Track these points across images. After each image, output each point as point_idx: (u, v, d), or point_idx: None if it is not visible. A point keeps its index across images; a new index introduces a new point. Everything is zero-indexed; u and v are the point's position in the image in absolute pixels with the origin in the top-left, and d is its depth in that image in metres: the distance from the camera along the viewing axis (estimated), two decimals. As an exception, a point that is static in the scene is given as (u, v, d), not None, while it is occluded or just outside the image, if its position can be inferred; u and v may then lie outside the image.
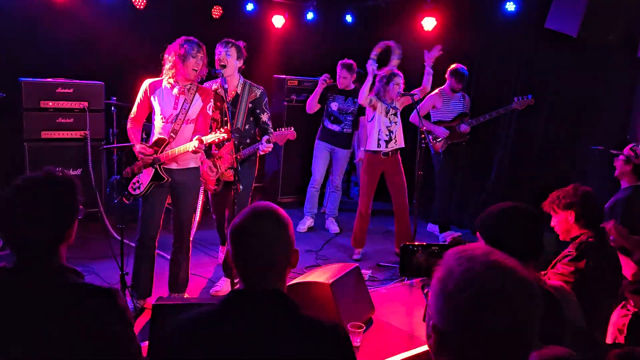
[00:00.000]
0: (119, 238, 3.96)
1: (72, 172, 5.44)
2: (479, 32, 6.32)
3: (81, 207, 1.78)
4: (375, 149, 5.08)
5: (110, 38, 6.16)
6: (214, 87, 4.16)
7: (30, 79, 5.32)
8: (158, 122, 3.75)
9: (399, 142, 5.13)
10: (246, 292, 1.54)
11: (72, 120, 5.45)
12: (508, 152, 6.11)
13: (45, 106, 5.33)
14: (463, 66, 5.72)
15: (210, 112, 3.85)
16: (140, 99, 3.77)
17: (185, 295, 4.10)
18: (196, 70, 3.67)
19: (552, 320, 1.80)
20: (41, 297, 1.58)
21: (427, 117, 5.88)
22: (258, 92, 4.26)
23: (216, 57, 4.08)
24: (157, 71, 3.81)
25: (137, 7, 6.11)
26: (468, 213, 6.44)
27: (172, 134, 3.70)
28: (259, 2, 7.11)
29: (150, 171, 3.73)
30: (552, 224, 3.04)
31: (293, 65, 6.35)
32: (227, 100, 3.81)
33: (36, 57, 5.76)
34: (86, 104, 5.48)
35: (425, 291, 1.33)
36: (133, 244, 4.37)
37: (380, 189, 5.38)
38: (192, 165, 3.87)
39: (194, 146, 3.54)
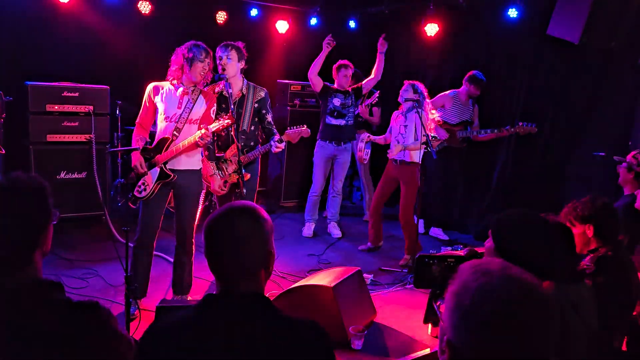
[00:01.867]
0: (124, 241, 3.98)
1: (77, 176, 5.49)
2: (481, 39, 6.35)
3: (55, 210, 1.67)
4: (389, 156, 5.27)
5: (116, 43, 6.23)
6: (217, 89, 4.20)
7: (37, 83, 5.36)
8: (161, 123, 3.79)
9: (406, 155, 5.17)
10: (221, 295, 1.51)
11: (77, 123, 5.49)
12: (511, 158, 6.12)
13: (51, 109, 5.38)
14: (480, 72, 5.80)
15: (213, 116, 3.88)
16: (145, 102, 3.83)
17: (189, 298, 4.13)
18: (202, 75, 3.73)
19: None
20: (19, 319, 1.47)
21: None
22: (263, 93, 4.34)
23: (217, 62, 4.11)
24: (162, 76, 3.85)
25: (143, 12, 6.17)
26: (471, 218, 6.46)
27: (175, 132, 3.74)
28: (263, 7, 7.16)
29: (156, 171, 3.78)
30: None
31: (296, 70, 6.39)
32: (233, 102, 3.85)
33: (42, 61, 5.82)
34: (91, 107, 5.51)
35: (438, 304, 1.30)
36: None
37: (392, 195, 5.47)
38: (195, 167, 3.90)
39: (199, 135, 3.60)
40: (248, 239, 1.49)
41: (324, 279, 3.71)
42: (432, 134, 5.16)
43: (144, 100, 3.83)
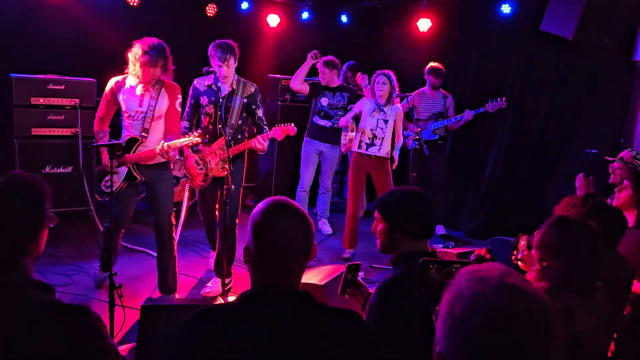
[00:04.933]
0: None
1: (62, 170, 5.38)
2: (475, 34, 6.30)
3: (52, 214, 1.65)
4: (356, 150, 5.08)
5: (104, 35, 6.09)
6: (207, 83, 4.12)
7: (21, 75, 5.25)
8: (125, 121, 3.81)
9: (383, 150, 5.04)
10: (268, 291, 1.49)
11: (63, 117, 5.38)
12: (502, 155, 6.09)
13: (36, 103, 5.27)
14: (438, 64, 5.84)
15: (179, 109, 3.88)
16: (107, 97, 3.84)
17: (177, 296, 4.06)
18: (156, 77, 3.71)
19: None
20: (5, 318, 1.45)
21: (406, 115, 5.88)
22: (252, 89, 4.24)
23: (215, 62, 3.99)
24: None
25: (131, 4, 6.06)
26: (462, 215, 6.43)
27: (143, 134, 3.75)
28: (254, 0, 7.07)
29: (124, 170, 3.78)
30: None
31: (288, 64, 6.31)
32: (222, 96, 3.89)
33: (28, 53, 5.69)
34: (77, 100, 5.41)
35: (437, 309, 1.24)
36: (123, 243, 4.40)
37: (374, 189, 5.36)
38: (161, 159, 3.87)
39: (158, 150, 3.61)
40: (304, 243, 1.52)
41: (314, 277, 3.65)
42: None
43: (105, 93, 3.85)
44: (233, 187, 3.63)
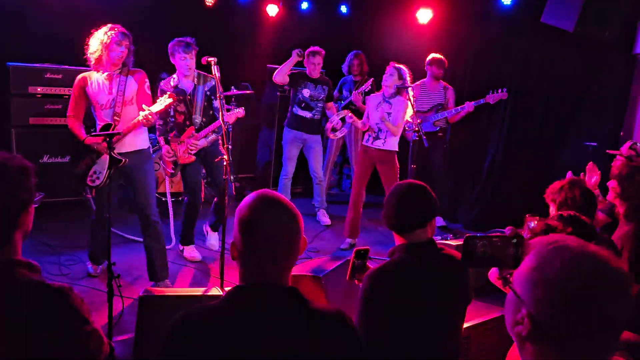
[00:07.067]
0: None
1: (60, 160, 5.36)
2: (475, 25, 6.27)
3: (38, 193, 1.66)
4: (364, 143, 5.15)
5: (101, 23, 6.04)
6: (173, 84, 4.46)
7: (19, 64, 5.22)
8: (98, 112, 3.88)
9: (388, 144, 5.01)
10: (255, 288, 1.46)
11: (60, 106, 5.35)
12: (502, 147, 6.08)
13: (33, 92, 5.24)
14: (440, 55, 5.82)
15: (149, 92, 3.98)
16: (76, 94, 3.90)
17: (168, 284, 4.09)
18: (121, 57, 3.80)
19: None
20: None
21: None
22: (213, 81, 4.45)
23: (179, 56, 4.31)
24: (145, 58, 3.76)
25: (129, -7, 6.00)
26: (461, 207, 6.43)
27: (115, 117, 3.83)
28: (253, -10, 7.02)
29: (105, 158, 3.76)
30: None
31: (286, 55, 6.28)
32: (189, 93, 4.34)
33: (25, 42, 5.64)
34: (75, 90, 5.38)
35: (506, 275, 1.34)
36: (120, 232, 4.40)
37: (373, 181, 5.34)
38: (141, 147, 3.96)
39: (142, 117, 3.72)
40: (292, 237, 1.49)
41: (312, 268, 3.66)
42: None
43: (73, 92, 3.92)
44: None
